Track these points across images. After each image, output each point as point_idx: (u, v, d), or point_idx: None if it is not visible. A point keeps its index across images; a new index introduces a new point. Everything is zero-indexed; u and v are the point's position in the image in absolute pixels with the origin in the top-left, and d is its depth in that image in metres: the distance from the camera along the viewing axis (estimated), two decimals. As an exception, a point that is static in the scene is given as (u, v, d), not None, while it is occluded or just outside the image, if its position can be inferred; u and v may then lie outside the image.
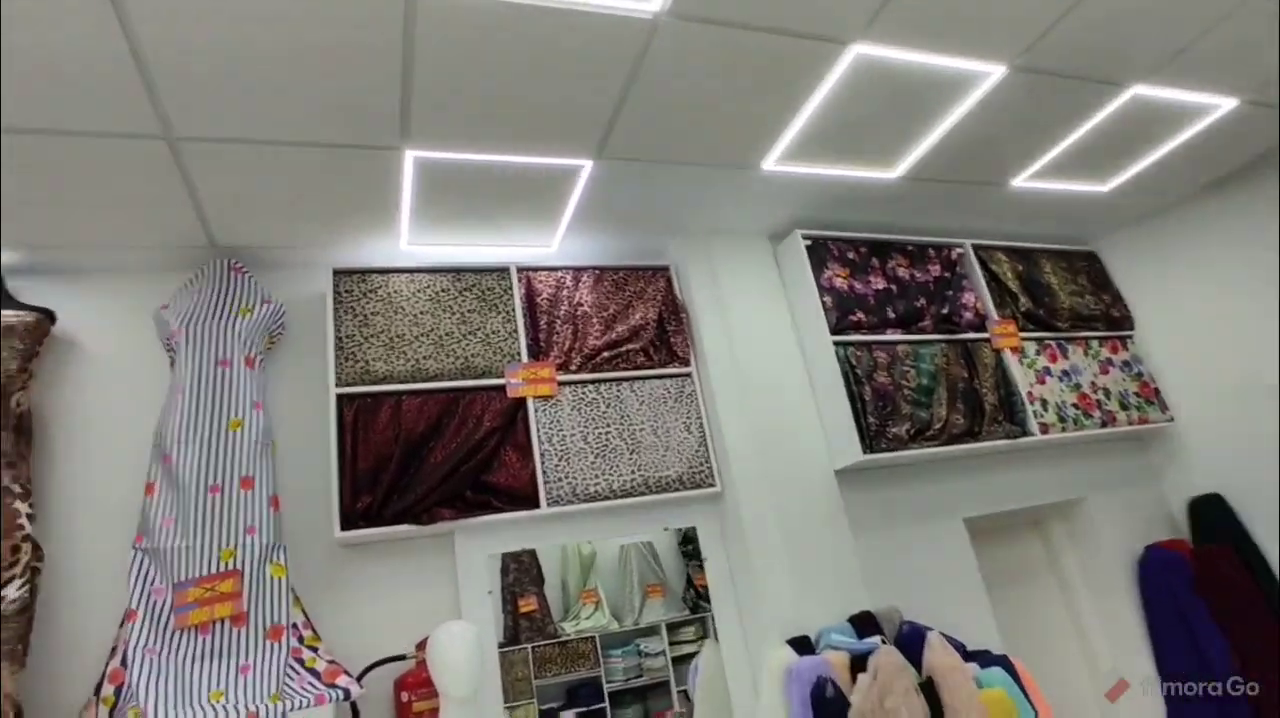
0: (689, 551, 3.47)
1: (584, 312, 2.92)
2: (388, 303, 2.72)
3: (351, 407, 2.54)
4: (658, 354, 2.97)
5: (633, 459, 2.75)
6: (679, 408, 2.90)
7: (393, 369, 2.62)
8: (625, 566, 3.53)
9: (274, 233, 2.63)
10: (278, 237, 2.66)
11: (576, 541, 2.73)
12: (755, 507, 2.76)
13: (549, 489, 2.62)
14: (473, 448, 2.58)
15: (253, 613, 2.20)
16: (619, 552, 3.58)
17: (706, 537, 2.85)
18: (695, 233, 3.11)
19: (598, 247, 3.08)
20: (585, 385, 2.82)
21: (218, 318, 2.46)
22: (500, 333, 2.79)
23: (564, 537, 2.72)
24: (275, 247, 2.70)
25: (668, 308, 3.06)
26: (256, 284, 2.62)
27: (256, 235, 2.63)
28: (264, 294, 2.61)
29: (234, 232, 2.58)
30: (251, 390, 2.42)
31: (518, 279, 2.90)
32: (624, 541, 3.41)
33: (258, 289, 2.61)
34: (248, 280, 2.60)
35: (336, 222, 2.61)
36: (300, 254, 2.75)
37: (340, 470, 2.44)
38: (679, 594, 3.52)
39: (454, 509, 2.52)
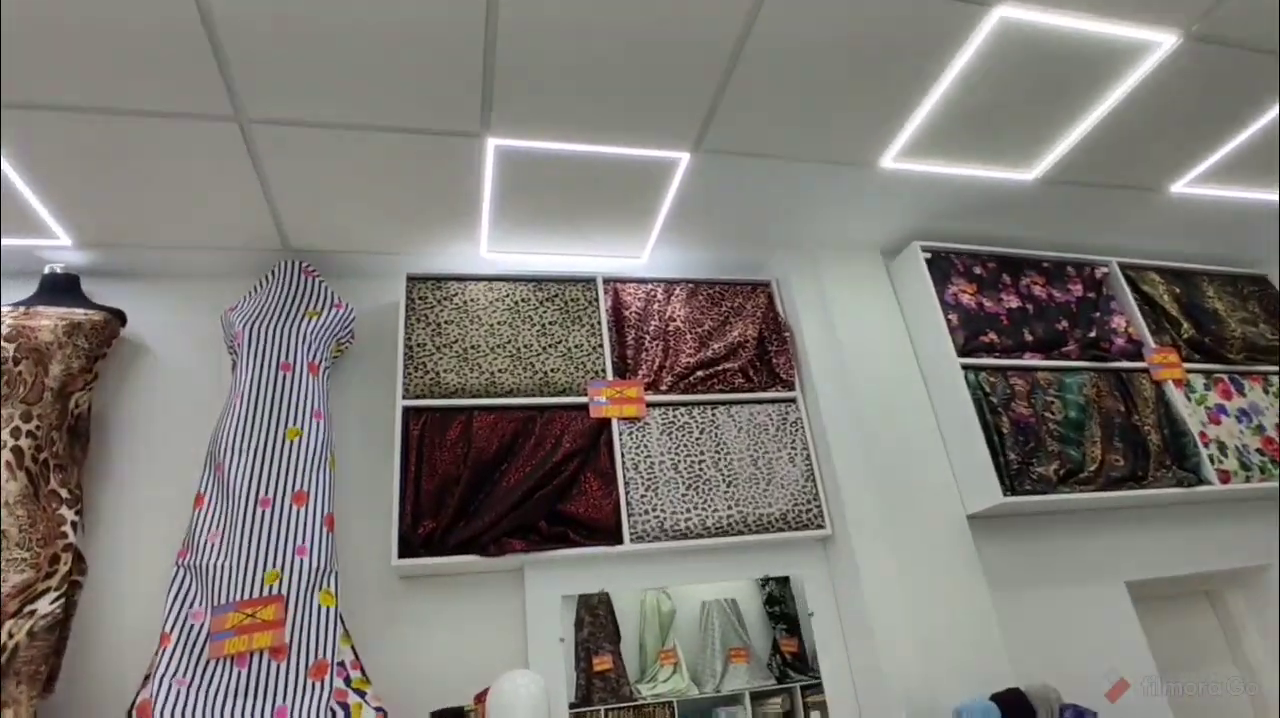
0: (775, 612, 3.04)
1: (676, 327, 2.61)
2: (463, 311, 2.48)
3: (419, 421, 2.28)
4: (758, 376, 2.62)
5: (729, 493, 2.38)
6: (782, 437, 2.52)
7: (465, 382, 2.36)
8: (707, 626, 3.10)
9: (349, 236, 2.46)
10: (353, 240, 2.48)
11: (663, 584, 2.36)
12: (873, 555, 2.32)
13: (634, 523, 2.27)
14: (549, 472, 2.26)
15: (295, 646, 1.91)
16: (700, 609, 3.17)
17: (814, 588, 2.42)
18: (800, 245, 2.78)
19: (692, 259, 2.79)
20: (677, 408, 2.49)
21: (283, 319, 2.27)
22: (583, 347, 2.51)
23: (648, 579, 2.35)
24: (350, 251, 2.52)
25: (769, 326, 2.71)
26: (327, 288, 2.43)
27: (331, 238, 2.46)
28: (334, 298, 2.41)
29: (308, 232, 2.41)
30: (313, 398, 2.19)
31: (604, 290, 2.63)
32: (708, 596, 2.99)
33: (328, 293, 2.42)
34: (318, 283, 2.42)
35: (413, 222, 2.42)
36: (375, 262, 2.57)
37: (402, 491, 2.17)
38: (764, 661, 3.06)
39: (526, 541, 2.19)
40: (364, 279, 2.60)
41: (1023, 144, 2.43)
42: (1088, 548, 2.59)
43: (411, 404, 2.30)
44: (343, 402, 2.42)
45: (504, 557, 2.16)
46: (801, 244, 2.78)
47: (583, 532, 2.25)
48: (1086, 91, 2.25)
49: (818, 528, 2.41)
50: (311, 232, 2.42)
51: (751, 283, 2.81)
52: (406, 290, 2.48)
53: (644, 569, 2.32)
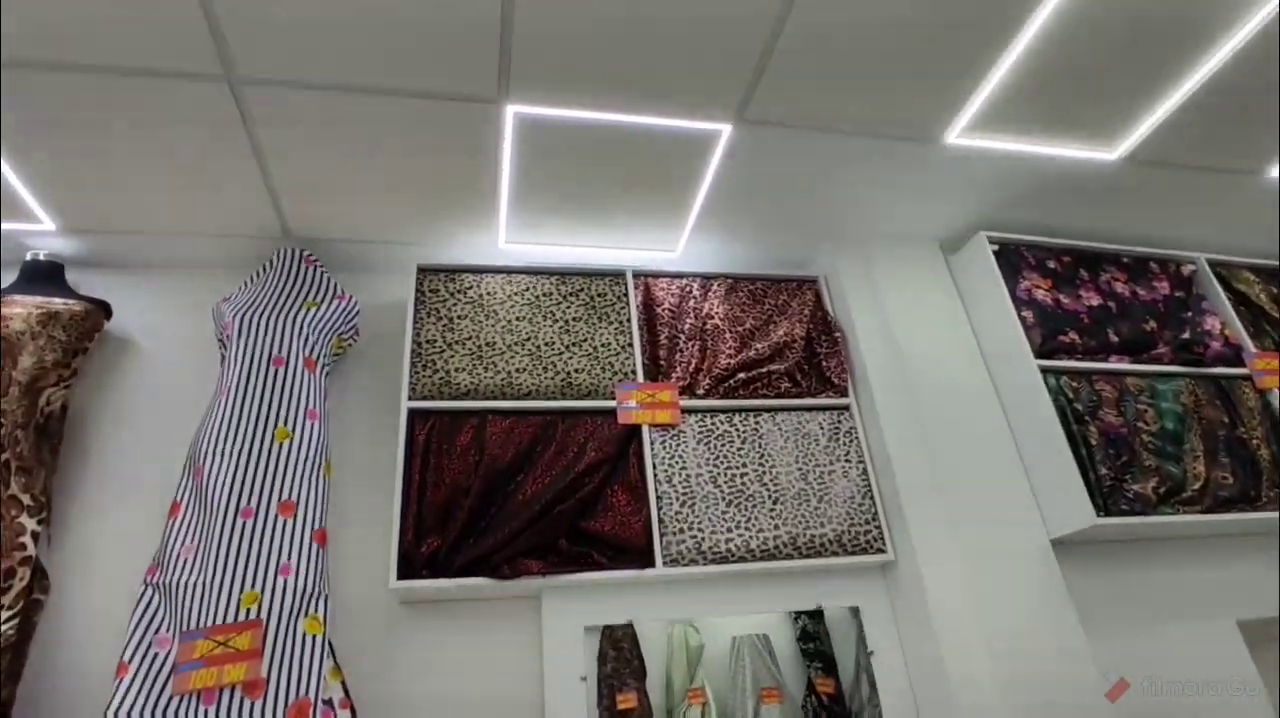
0: (810, 650, 2.70)
1: (714, 325, 2.33)
2: (478, 306, 2.23)
3: (426, 425, 2.01)
4: (806, 380, 2.32)
5: (775, 511, 2.07)
6: (834, 448, 2.21)
7: (478, 382, 2.09)
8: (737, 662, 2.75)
9: (354, 223, 2.22)
10: (359, 228, 2.24)
11: (700, 614, 2.05)
12: (944, 585, 1.99)
13: (667, 544, 1.97)
14: (571, 484, 1.98)
15: (274, 681, 1.63)
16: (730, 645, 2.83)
17: (874, 621, 2.09)
18: (851, 237, 2.50)
19: (730, 254, 2.51)
20: (715, 415, 2.19)
21: (278, 310, 2.03)
22: (611, 346, 2.23)
23: (682, 608, 2.04)
24: (356, 240, 2.28)
25: (817, 326, 2.42)
26: (329, 278, 2.19)
27: (334, 225, 2.22)
28: (336, 289, 2.17)
29: (309, 218, 2.18)
30: (308, 397, 1.94)
31: (634, 285, 2.36)
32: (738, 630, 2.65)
33: (330, 283, 2.18)
34: (319, 273, 2.18)
35: (425, 208, 2.17)
36: (383, 253, 2.33)
37: (404, 503, 1.89)
38: (798, 702, 2.70)
39: (544, 561, 1.90)
40: (371, 273, 2.37)
41: (1106, 116, 2.13)
42: (1192, 581, 2.22)
43: (418, 406, 2.04)
44: (344, 404, 2.17)
45: (519, 579, 1.87)
46: (853, 236, 2.50)
47: (608, 553, 1.96)
48: (1184, 54, 1.96)
49: (878, 552, 2.08)
50: (313, 217, 2.19)
51: (797, 279, 2.53)
52: (416, 283, 2.23)
53: (678, 597, 2.01)
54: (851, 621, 2.16)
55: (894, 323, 2.35)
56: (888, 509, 2.14)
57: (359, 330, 2.22)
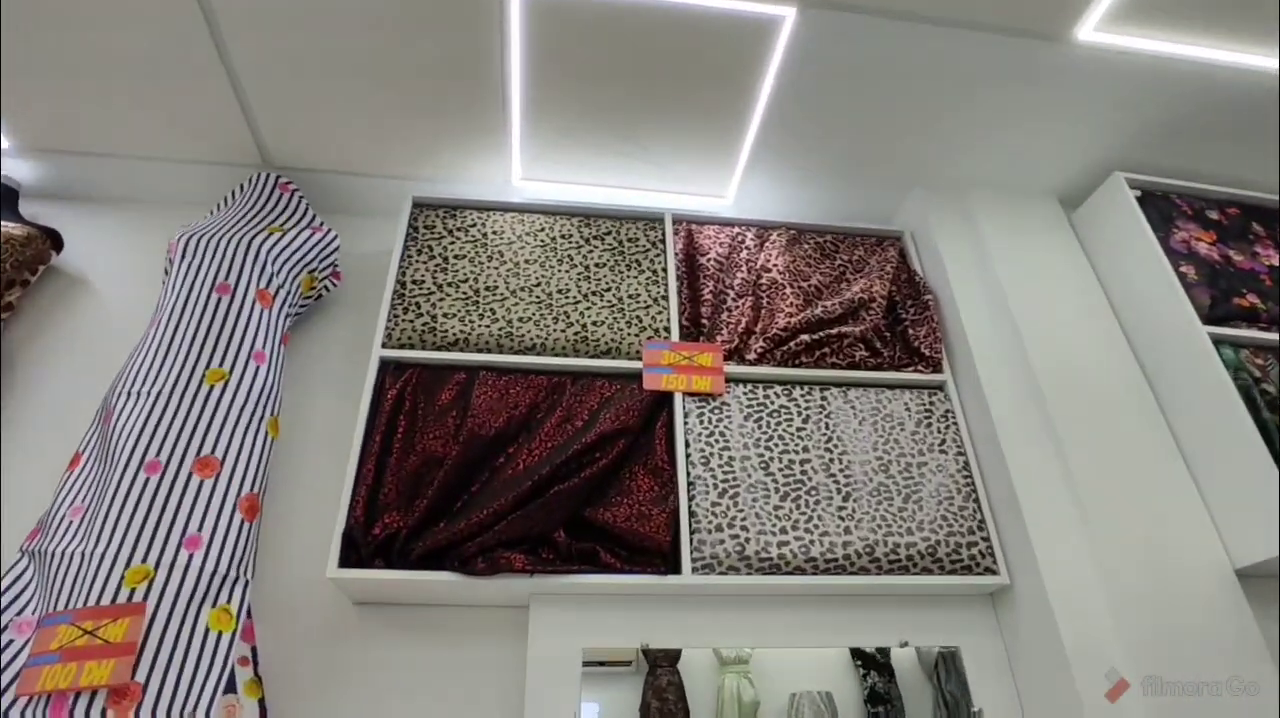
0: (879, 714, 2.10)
1: (772, 279, 1.85)
2: (481, 245, 1.81)
3: (399, 380, 1.59)
4: (889, 349, 1.80)
5: (846, 510, 1.54)
6: (926, 434, 1.68)
7: (471, 331, 1.66)
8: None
9: (344, 149, 1.85)
10: (350, 157, 1.87)
11: (738, 642, 1.53)
12: (1083, 622, 1.41)
13: (699, 544, 1.46)
14: (577, 457, 1.50)
15: (152, 690, 1.19)
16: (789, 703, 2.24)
17: (981, 668, 1.50)
18: (945, 186, 1.99)
19: (793, 204, 2.03)
20: (770, 387, 1.70)
21: (233, 232, 1.66)
22: (640, 298, 1.77)
23: (715, 633, 1.50)
24: (345, 172, 1.91)
25: (902, 289, 1.91)
26: (306, 206, 1.82)
27: (320, 152, 1.85)
28: (313, 219, 1.80)
29: (290, 143, 1.82)
30: (256, 335, 1.54)
31: (673, 231, 1.91)
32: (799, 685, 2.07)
33: (306, 211, 1.81)
34: (296, 199, 1.82)
35: (424, 130, 1.79)
36: (379, 190, 1.94)
37: (359, 471, 1.46)
38: None
39: (533, 557, 1.42)
40: (363, 216, 1.98)
41: None
42: None
43: (393, 355, 1.62)
44: (311, 357, 1.77)
45: (497, 578, 1.39)
46: (947, 184, 1.99)
47: (620, 551, 1.46)
48: None
49: (986, 573, 1.52)
50: (296, 143, 1.83)
51: (877, 233, 2.03)
52: (410, 217, 1.84)
53: (709, 618, 1.49)
54: (945, 668, 1.59)
55: (1005, 287, 1.81)
56: (998, 517, 1.58)
57: (338, 274, 1.83)
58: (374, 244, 1.94)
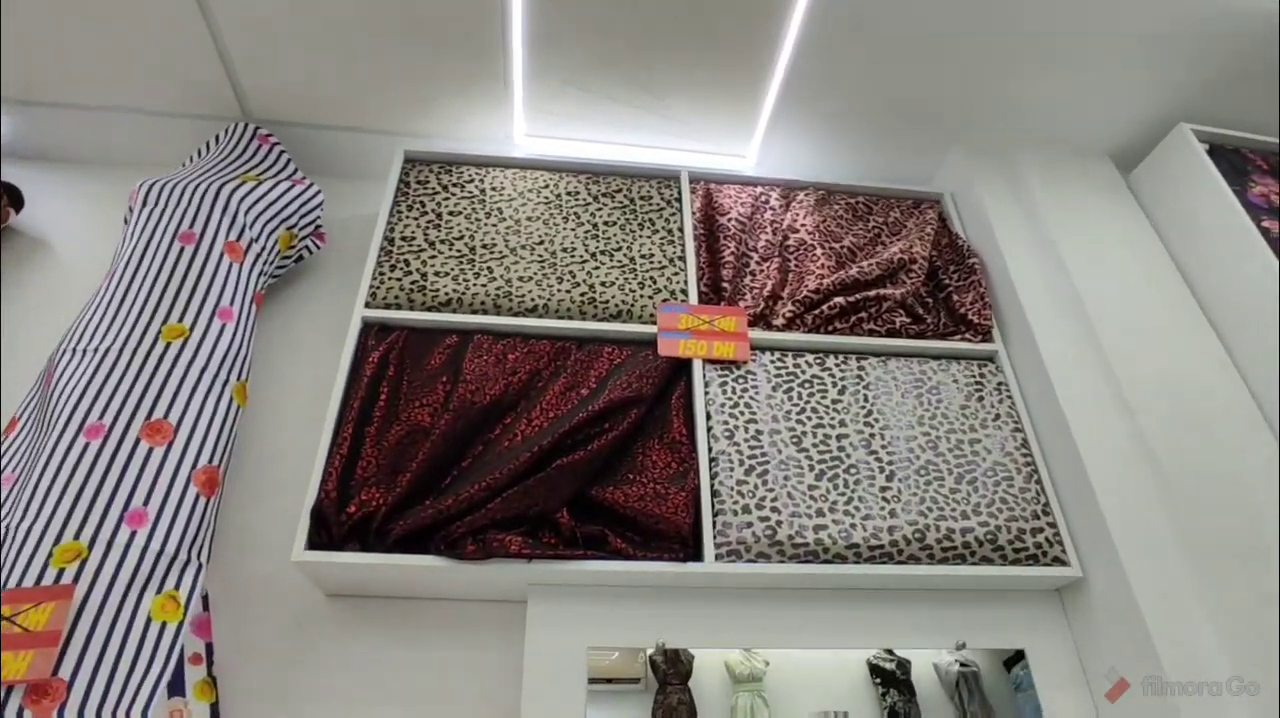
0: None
1: (800, 240, 1.66)
2: (478, 202, 1.63)
3: (384, 342, 1.40)
4: (931, 315, 1.61)
5: (890, 490, 1.34)
6: (979, 409, 1.48)
7: (465, 291, 1.48)
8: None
9: (331, 104, 1.69)
10: (336, 110, 1.71)
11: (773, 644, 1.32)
12: (1178, 628, 1.20)
13: (723, 528, 1.27)
14: (582, 427, 1.31)
15: (79, 688, 0.99)
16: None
17: (1048, 674, 1.29)
18: (987, 144, 1.81)
19: (820, 164, 1.85)
20: (800, 355, 1.51)
21: (201, 179, 1.48)
22: (654, 258, 1.59)
23: (745, 632, 1.29)
24: (332, 127, 1.74)
25: (944, 253, 1.72)
26: (287, 159, 1.65)
27: (305, 104, 1.69)
28: (293, 171, 1.63)
29: (273, 93, 1.66)
30: (223, 290, 1.36)
31: (690, 190, 1.73)
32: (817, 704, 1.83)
33: (285, 162, 1.63)
34: (275, 151, 1.64)
35: (418, 78, 1.62)
36: (368, 147, 1.77)
37: (334, 441, 1.27)
38: None
39: (531, 540, 1.23)
40: (353, 179, 1.80)
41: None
42: None
43: (377, 316, 1.43)
44: (292, 325, 1.58)
45: (489, 563, 1.19)
46: (990, 142, 1.81)
47: (633, 536, 1.27)
48: None
49: (1055, 563, 1.32)
50: (278, 92, 1.66)
51: (914, 195, 1.84)
52: (401, 172, 1.66)
53: (736, 614, 1.28)
54: (967, 688, 1.37)
55: (1061, 251, 1.61)
56: (1065, 500, 1.38)
57: (322, 235, 1.66)
58: (363, 208, 1.76)
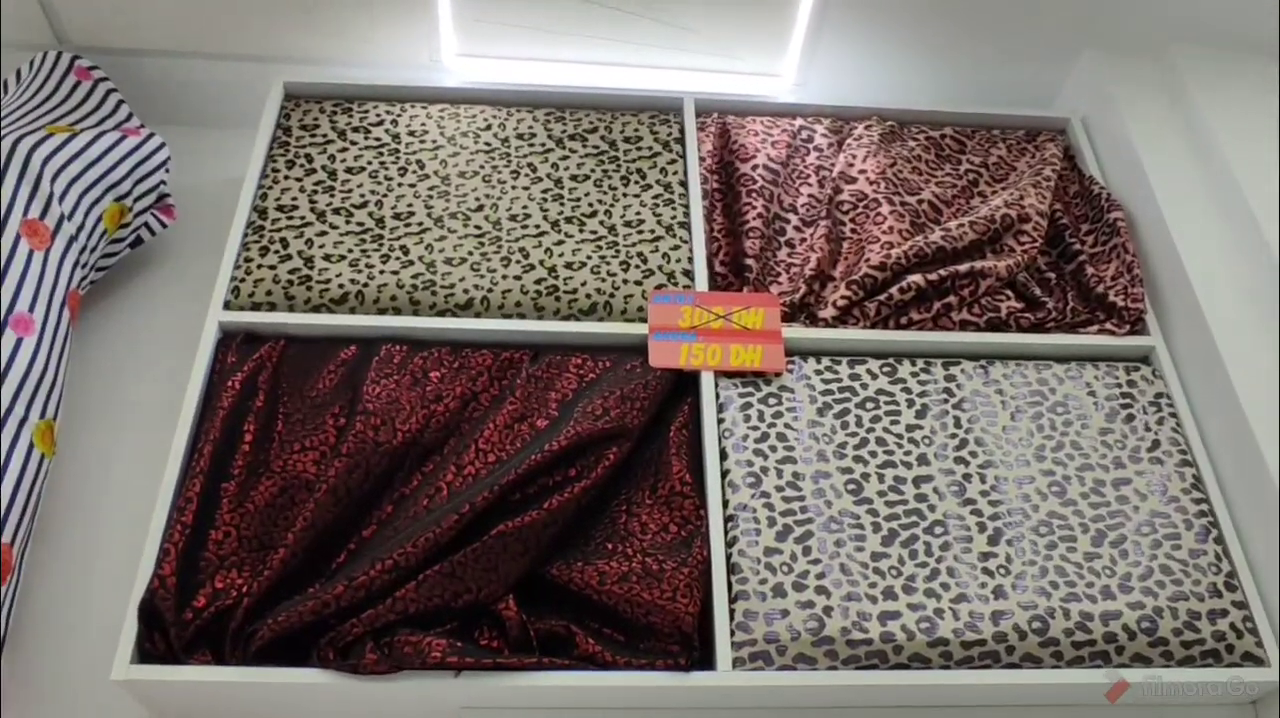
0: None
1: (859, 192, 1.62)
2: (390, 153, 1.62)
3: (249, 359, 1.37)
4: (1055, 298, 1.57)
5: (995, 558, 1.29)
6: (1128, 434, 1.42)
7: (369, 281, 1.45)
8: None
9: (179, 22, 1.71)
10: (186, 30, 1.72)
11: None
12: None
13: (744, 619, 1.22)
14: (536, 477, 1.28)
15: None
16: None
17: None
18: (1129, 42, 1.78)
19: (887, 83, 1.83)
20: (860, 361, 1.47)
21: (-9, 134, 1.48)
22: (645, 227, 1.57)
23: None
24: (182, 54, 1.75)
25: (1071, 205, 1.69)
26: (119, 103, 1.64)
27: (143, 26, 1.71)
28: (126, 116, 1.62)
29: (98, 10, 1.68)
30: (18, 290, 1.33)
31: (697, 125, 1.71)
32: None
33: (117, 108, 1.63)
34: (100, 90, 1.64)
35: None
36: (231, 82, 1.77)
37: (174, 500, 1.25)
38: None
39: (462, 642, 1.19)
40: (212, 127, 1.80)
41: None
42: None
43: (241, 320, 1.42)
44: (126, 337, 1.59)
45: (397, 677, 1.16)
46: (1140, 41, 1.78)
47: (612, 633, 1.23)
48: None
49: (1248, 661, 1.26)
50: (105, 9, 1.67)
51: (1026, 123, 1.82)
52: (280, 114, 1.66)
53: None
54: None
55: (1247, 198, 1.57)
56: (1260, 569, 1.32)
57: (170, 209, 1.65)
58: (226, 167, 1.75)
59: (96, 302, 1.61)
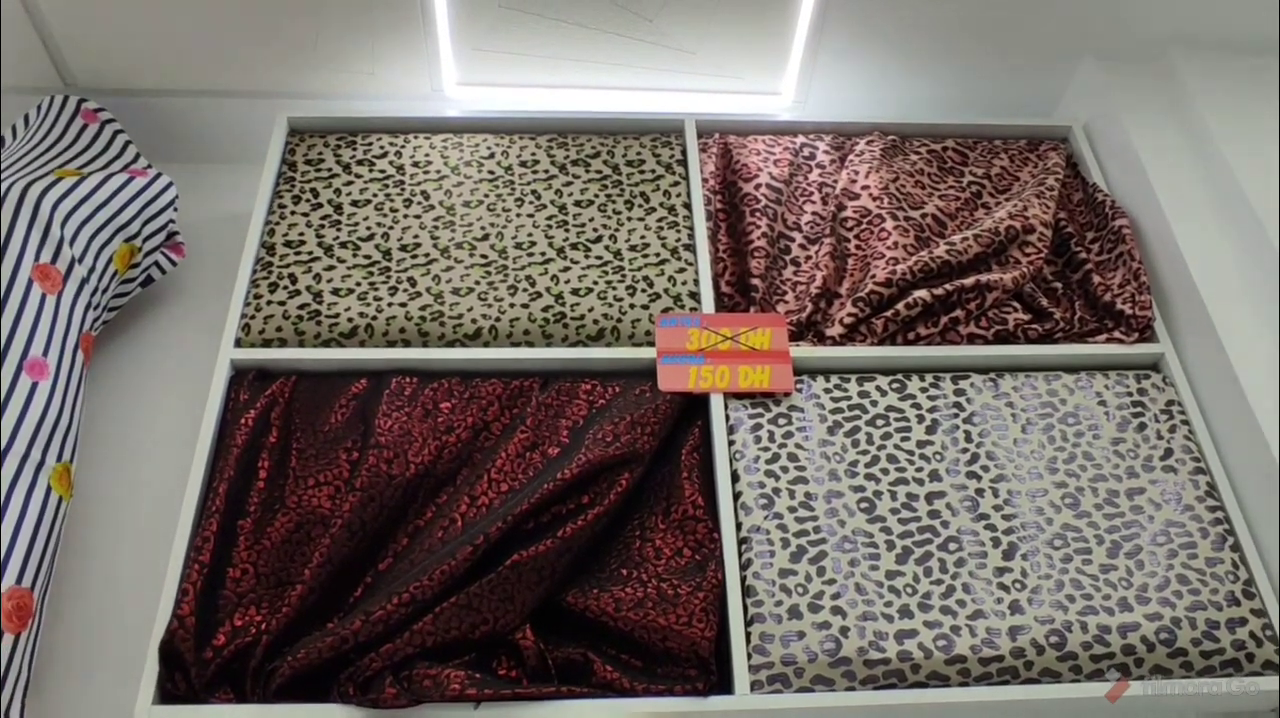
0: None
1: (862, 208, 1.62)
2: (395, 184, 1.63)
3: (262, 395, 1.39)
4: (1062, 308, 1.57)
5: (1010, 573, 1.29)
6: (1140, 443, 1.42)
7: (379, 314, 1.47)
8: None
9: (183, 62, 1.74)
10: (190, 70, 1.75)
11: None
12: None
13: (761, 642, 1.23)
14: (549, 506, 1.29)
15: None
16: None
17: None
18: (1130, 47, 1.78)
19: (888, 98, 1.84)
20: (870, 378, 1.47)
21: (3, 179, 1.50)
22: (650, 250, 1.57)
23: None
24: (187, 92, 1.77)
25: (1075, 214, 1.69)
26: (126, 144, 1.67)
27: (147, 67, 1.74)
28: (133, 157, 1.65)
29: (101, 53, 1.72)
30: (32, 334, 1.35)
31: (699, 146, 1.72)
32: None
33: (124, 150, 1.65)
34: (107, 132, 1.66)
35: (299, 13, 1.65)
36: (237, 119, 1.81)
37: (191, 540, 1.26)
38: None
39: (481, 673, 1.20)
40: (219, 163, 1.84)
41: None
42: None
43: (251, 358, 1.43)
44: (142, 375, 1.61)
45: (417, 710, 1.17)
46: (1141, 46, 1.78)
47: (629, 658, 1.24)
48: None
49: (1268, 670, 1.25)
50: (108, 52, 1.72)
51: (1028, 132, 1.82)
52: (284, 150, 1.68)
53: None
54: None
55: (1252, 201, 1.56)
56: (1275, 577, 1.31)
57: (179, 246, 1.67)
58: (234, 203, 1.77)
59: (109, 342, 1.64)
